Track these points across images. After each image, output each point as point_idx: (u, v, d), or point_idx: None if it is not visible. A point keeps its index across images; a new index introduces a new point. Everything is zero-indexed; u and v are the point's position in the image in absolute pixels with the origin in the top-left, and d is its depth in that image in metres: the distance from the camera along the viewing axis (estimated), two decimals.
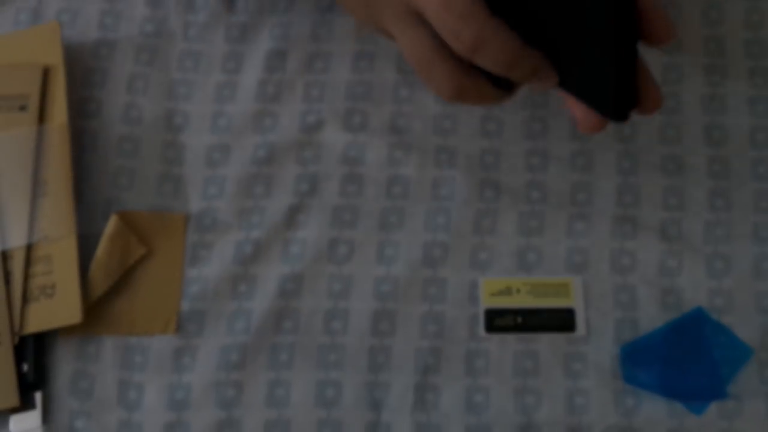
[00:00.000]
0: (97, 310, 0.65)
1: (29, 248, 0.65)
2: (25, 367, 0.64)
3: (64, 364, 0.65)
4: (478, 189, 0.68)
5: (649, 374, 0.63)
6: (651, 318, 0.65)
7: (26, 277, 0.65)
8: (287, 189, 0.68)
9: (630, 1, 0.48)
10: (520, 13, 0.52)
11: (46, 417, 0.64)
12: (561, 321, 0.65)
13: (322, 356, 0.65)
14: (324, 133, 0.70)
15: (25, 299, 0.64)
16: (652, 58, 0.70)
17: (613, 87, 0.50)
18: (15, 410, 0.63)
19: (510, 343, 0.65)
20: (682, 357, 0.64)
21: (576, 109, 0.54)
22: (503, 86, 0.56)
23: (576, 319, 0.65)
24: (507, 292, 0.66)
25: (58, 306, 0.64)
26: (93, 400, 0.64)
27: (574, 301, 0.66)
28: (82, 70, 0.72)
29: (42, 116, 0.68)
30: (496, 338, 0.65)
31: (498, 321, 0.65)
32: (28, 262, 0.65)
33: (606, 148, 0.69)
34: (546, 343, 0.65)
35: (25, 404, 0.63)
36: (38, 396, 0.64)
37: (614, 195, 0.68)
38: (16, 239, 0.65)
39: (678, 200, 0.68)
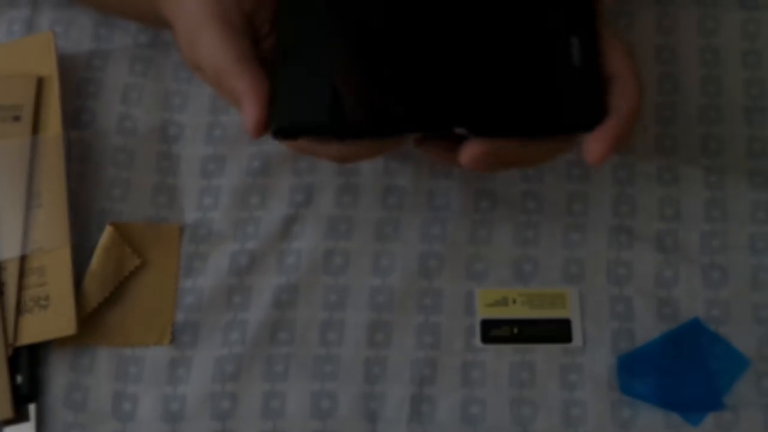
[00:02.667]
0: (91, 322, 0.65)
1: (23, 259, 0.65)
2: (19, 379, 0.63)
3: (58, 375, 0.64)
4: (473, 199, 0.68)
5: (645, 385, 0.63)
6: (647, 329, 0.65)
7: (20, 288, 0.64)
8: (282, 199, 0.68)
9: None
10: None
11: (40, 429, 0.63)
12: (557, 332, 0.65)
13: (318, 367, 0.65)
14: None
15: (19, 310, 0.64)
16: (648, 68, 0.71)
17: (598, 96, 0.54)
18: (9, 422, 0.63)
19: (506, 354, 0.65)
20: (679, 368, 0.64)
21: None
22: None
23: (572, 330, 0.65)
24: (503, 302, 0.66)
25: (52, 317, 0.64)
26: (87, 412, 0.64)
27: (570, 311, 0.66)
28: (76, 81, 0.71)
29: (36, 127, 0.68)
30: (492, 349, 0.65)
31: (494, 332, 0.65)
32: (22, 273, 0.65)
33: None
34: (542, 354, 0.65)
35: (19, 416, 0.63)
36: (32, 408, 0.63)
37: (610, 205, 0.68)
38: (9, 250, 0.65)
39: (674, 211, 0.68)
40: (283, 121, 0.54)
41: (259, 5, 0.58)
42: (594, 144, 0.53)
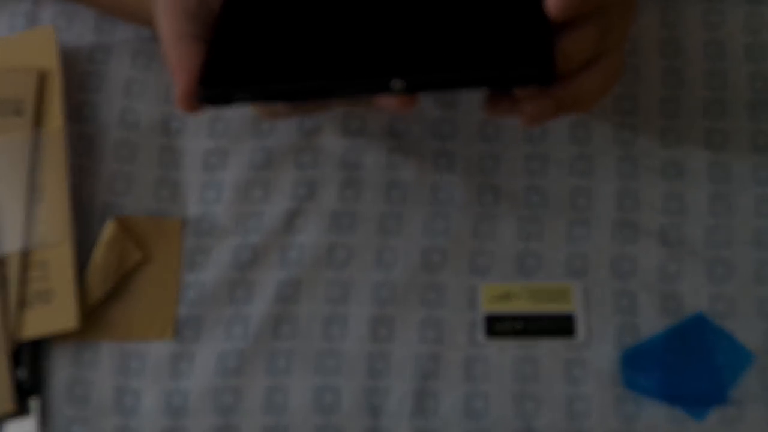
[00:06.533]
0: (93, 316, 0.65)
1: (25, 254, 0.65)
2: (22, 374, 0.63)
3: (60, 370, 0.64)
4: (477, 193, 0.68)
5: (649, 380, 0.63)
6: (652, 323, 0.65)
7: (22, 282, 0.64)
8: (285, 194, 0.68)
9: None
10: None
11: (43, 423, 0.63)
12: (561, 326, 0.65)
13: (321, 362, 0.65)
14: (322, 138, 0.69)
15: (22, 305, 0.64)
16: (653, 62, 0.71)
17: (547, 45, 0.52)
18: (11, 417, 0.63)
19: (509, 348, 0.65)
20: (684, 362, 0.63)
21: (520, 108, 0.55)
22: None
23: (576, 325, 0.65)
24: (506, 297, 0.66)
25: (54, 312, 0.64)
26: (89, 407, 0.64)
27: (574, 306, 0.65)
28: (78, 74, 0.71)
29: (38, 121, 0.68)
30: (496, 344, 0.65)
31: (497, 326, 0.65)
32: (24, 267, 0.65)
33: (606, 153, 0.69)
34: (546, 348, 0.65)
35: (22, 411, 0.63)
36: (34, 402, 0.63)
37: (614, 199, 0.68)
38: (12, 244, 0.65)
39: (678, 205, 0.68)
40: (210, 84, 0.54)
41: None
42: None
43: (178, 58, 0.55)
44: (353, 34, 0.54)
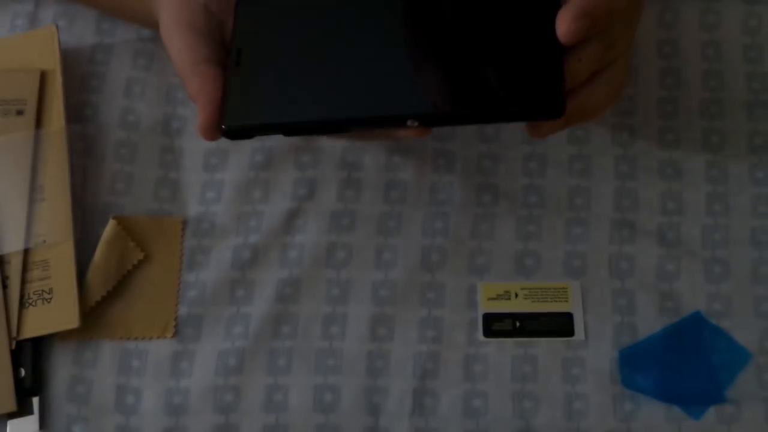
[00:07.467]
0: (94, 315, 0.65)
1: (26, 253, 0.65)
2: (23, 372, 0.63)
3: (61, 369, 0.64)
4: (475, 193, 0.68)
5: (647, 379, 0.63)
6: (649, 322, 0.65)
7: (24, 281, 0.65)
8: (285, 193, 0.68)
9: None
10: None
11: (44, 422, 0.63)
12: (559, 326, 0.65)
13: (321, 361, 0.65)
14: (322, 138, 0.70)
15: (23, 304, 0.64)
16: (650, 62, 0.71)
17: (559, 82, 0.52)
18: (12, 415, 0.63)
19: (508, 347, 0.65)
20: (681, 361, 0.64)
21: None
22: None
23: (574, 324, 0.65)
24: (505, 296, 0.66)
25: (55, 311, 0.64)
26: (90, 405, 0.64)
27: (572, 305, 0.66)
28: (80, 75, 0.71)
29: (39, 121, 0.68)
30: (495, 343, 0.65)
31: (496, 326, 0.65)
32: (25, 266, 0.65)
33: (604, 153, 0.69)
34: (544, 347, 0.65)
35: (23, 409, 0.63)
36: (35, 401, 0.63)
37: (612, 199, 0.68)
38: (13, 244, 0.65)
39: (676, 205, 0.68)
40: (232, 121, 0.55)
41: (229, 10, 0.59)
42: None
43: (197, 88, 0.55)
44: (368, 66, 0.55)
